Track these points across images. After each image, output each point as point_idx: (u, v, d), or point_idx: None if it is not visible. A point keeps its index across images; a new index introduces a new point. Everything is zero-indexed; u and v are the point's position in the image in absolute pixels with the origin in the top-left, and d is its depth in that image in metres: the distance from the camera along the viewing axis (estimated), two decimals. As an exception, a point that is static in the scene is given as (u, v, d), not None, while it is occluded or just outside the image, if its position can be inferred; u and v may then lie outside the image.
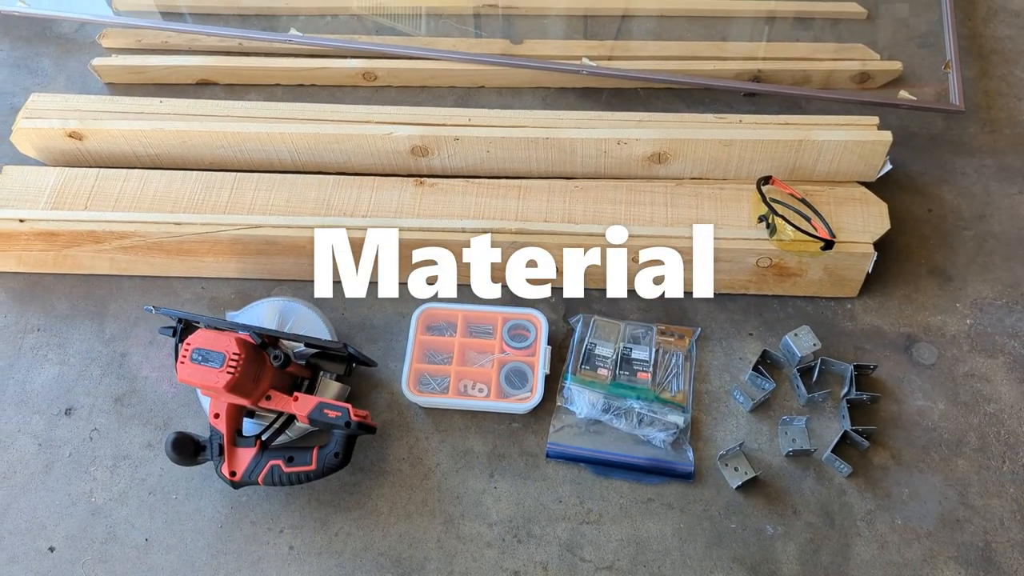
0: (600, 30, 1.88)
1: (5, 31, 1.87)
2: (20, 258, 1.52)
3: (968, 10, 1.85)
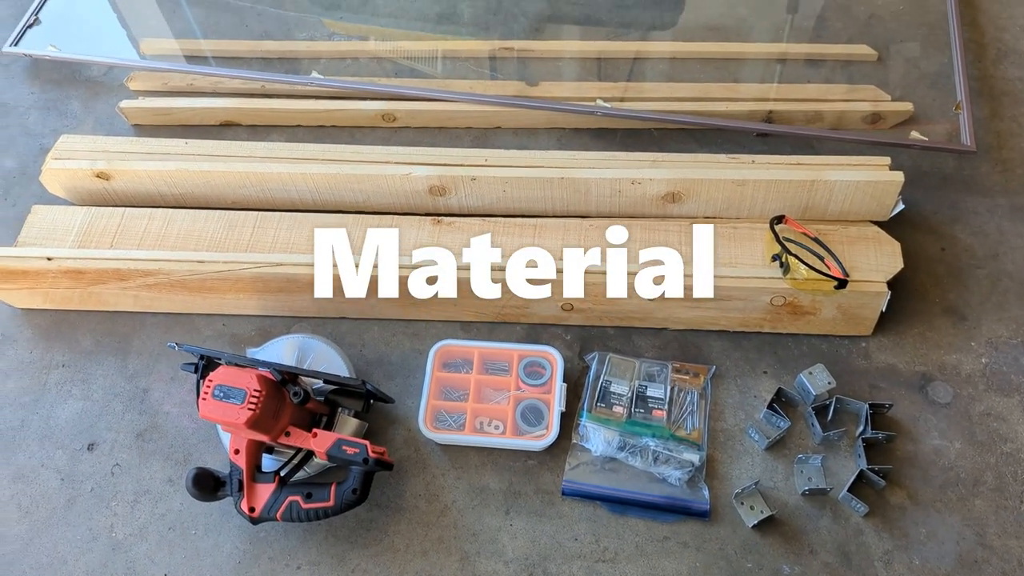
0: (613, 72, 1.92)
1: (36, 75, 1.93)
2: (47, 295, 1.55)
3: (978, 52, 1.88)
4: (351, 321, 1.55)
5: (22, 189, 1.74)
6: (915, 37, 1.91)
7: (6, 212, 1.71)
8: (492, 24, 2.04)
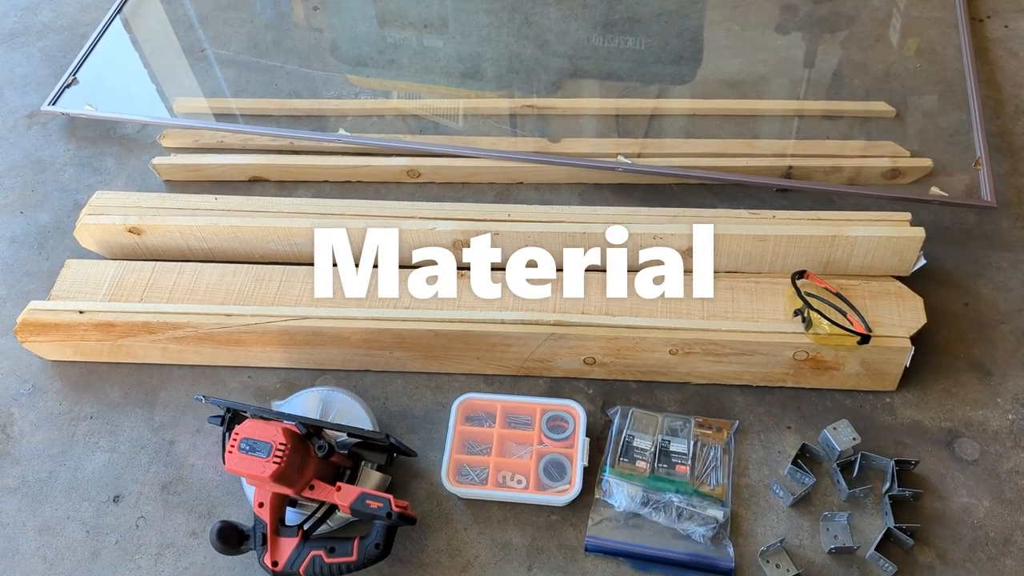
0: (633, 128, 1.95)
1: (72, 132, 1.99)
2: (77, 347, 1.58)
3: (996, 108, 1.89)
4: (375, 374, 1.57)
5: (56, 243, 1.78)
6: (932, 94, 1.94)
7: (40, 265, 1.75)
8: (513, 81, 2.09)
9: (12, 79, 2.12)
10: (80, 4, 2.30)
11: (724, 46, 2.09)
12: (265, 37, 2.19)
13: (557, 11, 2.21)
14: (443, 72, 2.12)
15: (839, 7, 2.16)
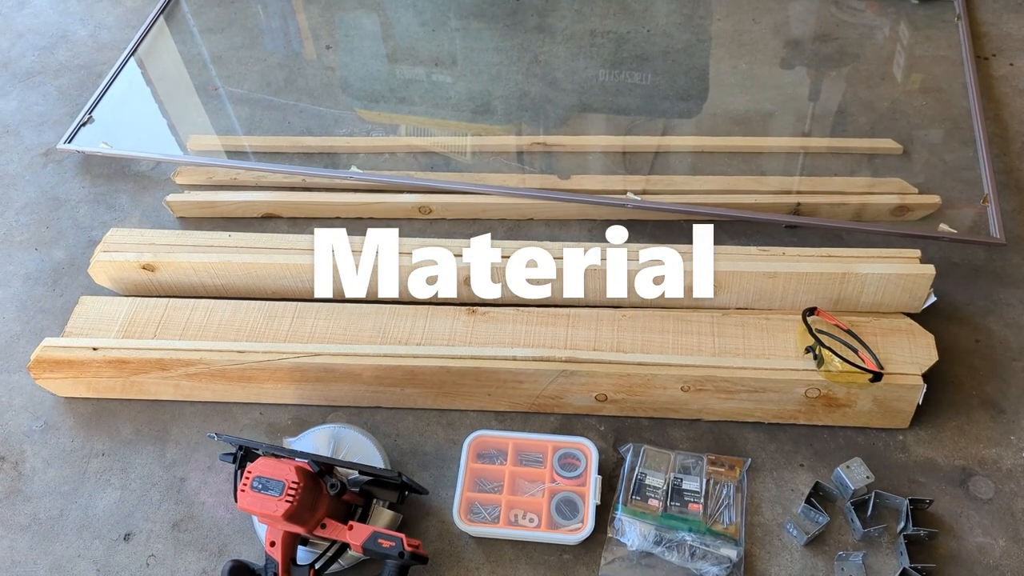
0: (642, 164, 1.96)
1: (88, 169, 2.02)
2: (90, 384, 1.58)
3: (1002, 145, 1.91)
4: (386, 410, 1.57)
5: (70, 280, 1.80)
6: (939, 130, 1.95)
7: (54, 302, 1.76)
8: (523, 118, 2.11)
9: (29, 117, 2.15)
10: (96, 43, 2.34)
11: (731, 83, 2.12)
12: (278, 76, 2.22)
13: (565, 50, 2.24)
14: (453, 109, 2.14)
15: (844, 45, 2.18)
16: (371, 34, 2.38)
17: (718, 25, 2.28)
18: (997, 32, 2.17)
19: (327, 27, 2.39)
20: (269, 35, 2.36)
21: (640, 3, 2.34)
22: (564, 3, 2.36)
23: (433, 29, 2.34)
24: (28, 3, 2.49)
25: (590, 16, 2.32)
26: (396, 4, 2.43)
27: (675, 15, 2.30)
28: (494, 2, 2.39)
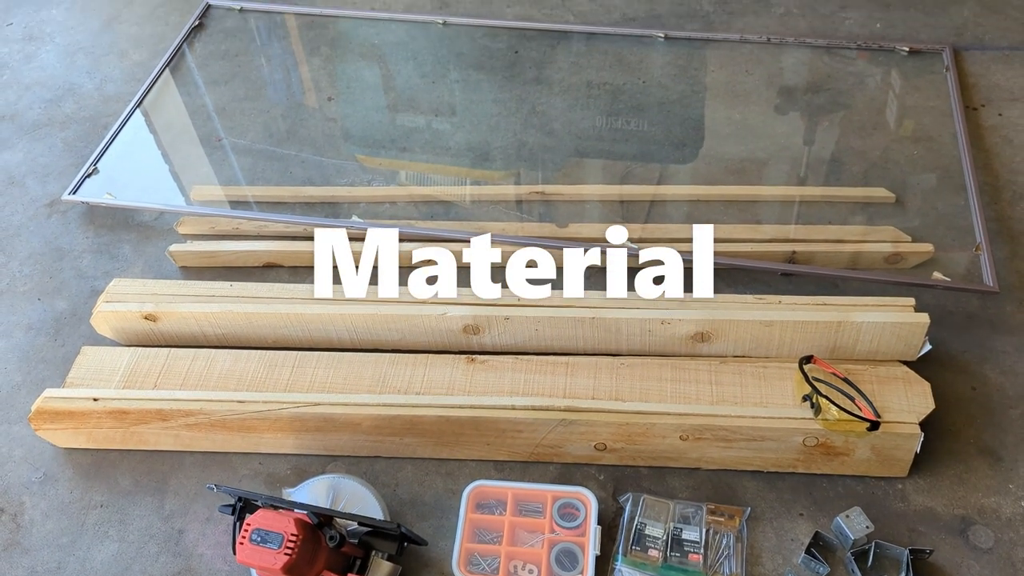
0: (639, 213, 1.99)
1: (91, 220, 2.04)
2: (90, 435, 1.59)
3: (993, 194, 1.94)
4: (385, 460, 1.57)
5: (72, 330, 1.81)
6: (931, 179, 1.98)
7: (55, 352, 1.77)
8: (521, 167, 2.15)
9: (34, 169, 2.18)
10: (102, 96, 2.38)
11: (725, 133, 2.16)
12: (280, 127, 2.26)
13: (563, 101, 2.28)
14: (453, 159, 2.18)
15: (836, 96, 2.23)
16: (372, 86, 2.42)
17: (712, 76, 2.32)
18: (985, 83, 2.22)
19: (329, 79, 2.44)
20: (272, 87, 2.41)
21: (635, 56, 2.39)
22: (561, 56, 2.41)
23: (433, 81, 2.39)
24: (35, 57, 2.54)
25: (586, 68, 2.37)
26: (397, 57, 2.48)
27: (670, 67, 2.35)
28: (493, 55, 2.44)
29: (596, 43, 2.46)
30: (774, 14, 2.50)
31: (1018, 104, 2.15)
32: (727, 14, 2.51)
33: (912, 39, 2.36)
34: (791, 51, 2.37)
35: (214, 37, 2.56)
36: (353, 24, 2.60)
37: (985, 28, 2.38)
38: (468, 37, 2.52)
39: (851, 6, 2.50)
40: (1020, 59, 2.28)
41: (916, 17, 2.44)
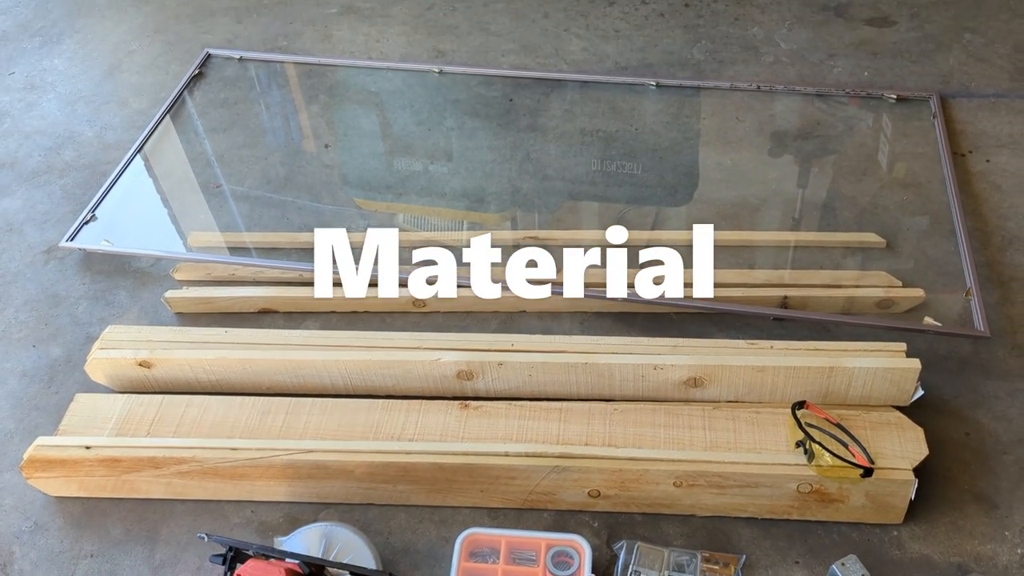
0: (631, 256, 2.00)
1: (88, 266, 2.05)
2: (81, 483, 1.58)
3: (983, 239, 1.96)
4: (378, 507, 1.56)
5: (66, 376, 1.81)
6: (921, 225, 2.01)
7: (49, 399, 1.77)
8: (516, 212, 2.17)
9: (33, 216, 2.20)
10: (102, 144, 2.41)
11: (717, 179, 2.18)
12: (278, 173, 2.29)
13: (556, 147, 2.32)
14: (449, 205, 2.20)
15: (825, 142, 2.26)
16: (369, 133, 2.46)
17: (704, 123, 2.36)
18: (972, 130, 2.25)
19: (327, 126, 2.47)
20: (270, 134, 2.44)
21: (628, 103, 2.43)
22: (555, 103, 2.45)
23: (429, 128, 2.42)
24: (36, 105, 2.57)
25: (580, 116, 2.41)
26: (394, 104, 2.52)
27: (662, 114, 2.39)
28: (488, 103, 2.48)
29: (589, 91, 2.50)
30: (764, 62, 2.55)
31: (1005, 150, 2.18)
32: (717, 62, 2.56)
33: (900, 87, 2.41)
34: (781, 98, 2.41)
35: (214, 85, 2.60)
36: (351, 73, 2.65)
37: (971, 76, 2.43)
38: (464, 85, 2.56)
39: (839, 55, 2.55)
40: (1006, 106, 2.32)
41: (903, 65, 2.49)
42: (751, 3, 2.78)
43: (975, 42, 2.55)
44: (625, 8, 2.80)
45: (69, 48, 2.79)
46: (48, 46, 2.81)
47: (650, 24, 2.72)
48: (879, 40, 2.59)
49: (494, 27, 2.76)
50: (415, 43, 2.73)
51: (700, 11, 2.76)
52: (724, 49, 2.60)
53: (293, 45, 2.76)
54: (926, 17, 2.66)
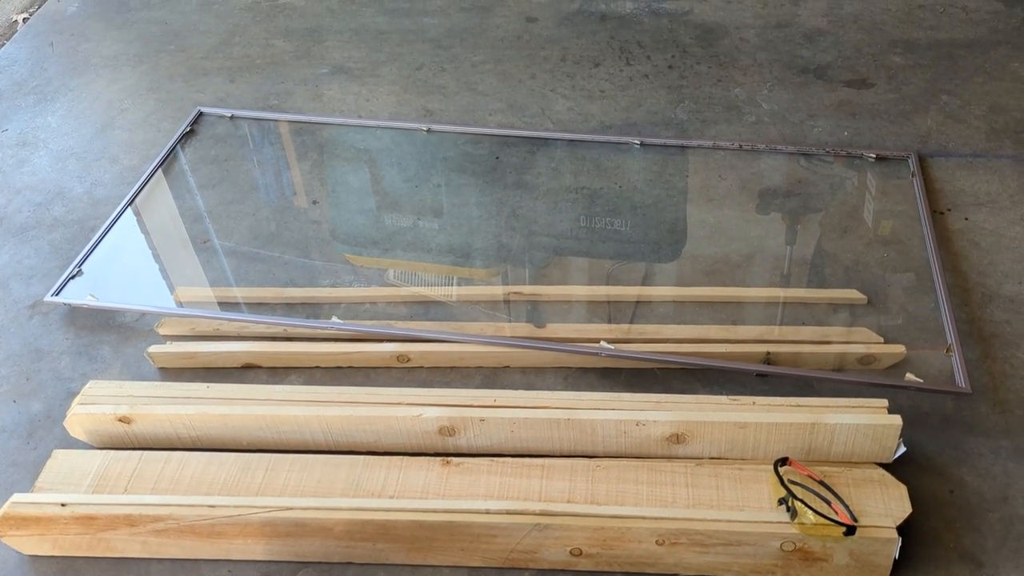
0: (616, 313, 2.02)
1: (72, 321, 2.05)
2: (55, 541, 1.55)
3: (963, 296, 1.97)
4: (357, 567, 1.54)
5: (45, 432, 1.79)
6: (901, 282, 2.02)
7: (27, 455, 1.75)
8: (501, 268, 2.19)
9: (19, 271, 2.20)
10: (91, 199, 2.43)
11: (700, 236, 2.21)
12: (266, 229, 2.31)
13: (542, 204, 2.34)
14: (435, 260, 2.22)
15: (806, 200, 2.29)
16: (358, 189, 2.49)
17: (687, 181, 2.39)
18: (951, 188, 2.29)
19: (316, 183, 2.50)
20: (259, 191, 2.47)
21: (612, 161, 2.47)
22: (540, 161, 2.49)
23: (417, 185, 2.45)
24: (27, 162, 2.60)
25: (565, 173, 2.44)
26: (383, 162, 2.56)
27: (645, 172, 2.42)
28: (475, 160, 2.51)
29: (574, 149, 2.54)
30: (746, 122, 2.60)
31: (983, 209, 2.21)
32: (700, 122, 2.60)
33: (879, 146, 2.45)
34: (763, 157, 2.45)
35: (204, 143, 2.63)
36: (340, 131, 2.68)
37: (948, 136, 2.48)
38: (451, 143, 2.60)
39: (819, 115, 2.60)
40: (983, 166, 2.36)
41: (882, 126, 2.54)
42: (733, 65, 2.84)
43: (951, 103, 2.60)
44: (610, 69, 2.86)
45: (63, 106, 2.83)
46: (42, 104, 2.85)
47: (634, 85, 2.78)
48: (858, 101, 2.65)
49: (482, 87, 2.81)
50: (404, 102, 2.77)
51: (683, 72, 2.83)
52: (707, 109, 2.66)
53: (284, 104, 2.80)
54: (903, 79, 2.72)
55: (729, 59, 2.87)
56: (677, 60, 2.89)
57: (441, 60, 2.96)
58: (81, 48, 3.13)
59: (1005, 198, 2.24)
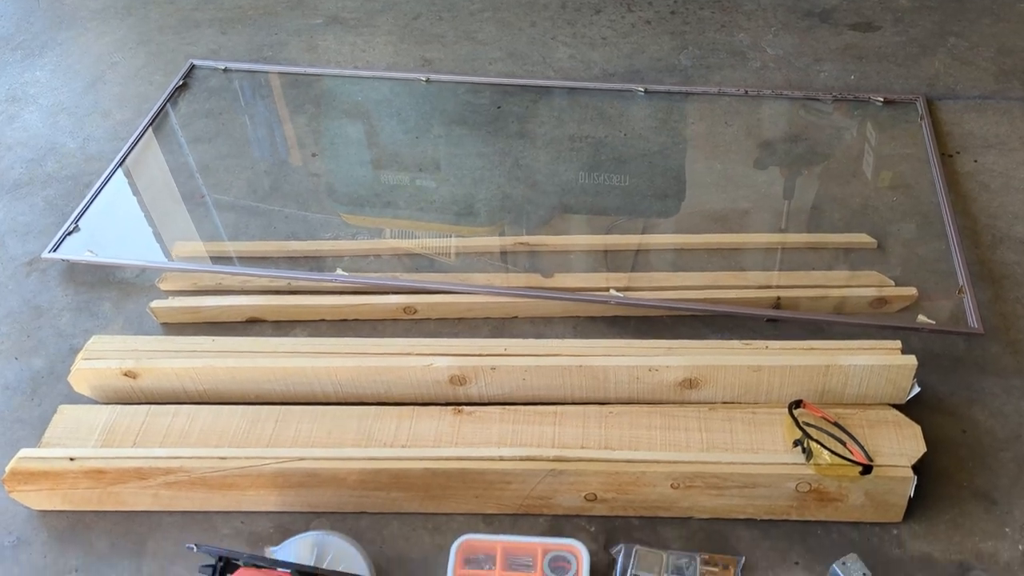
0: (623, 262, 2.00)
1: (71, 278, 2.02)
2: (65, 496, 1.54)
3: (973, 238, 1.96)
4: (371, 516, 1.53)
5: (49, 388, 1.77)
6: (911, 225, 2.01)
7: (31, 412, 1.73)
8: (505, 219, 2.16)
9: (15, 228, 2.17)
10: (85, 155, 2.39)
11: (707, 183, 2.18)
12: (264, 183, 2.27)
13: (546, 154, 2.31)
14: (438, 212, 2.18)
15: (814, 145, 2.26)
16: (356, 142, 2.44)
17: (692, 128, 2.36)
18: (959, 131, 2.26)
19: (313, 136, 2.45)
20: (255, 144, 2.42)
21: (616, 109, 2.43)
22: (543, 110, 2.45)
23: (417, 136, 2.41)
24: (18, 118, 2.54)
25: (568, 122, 2.40)
26: (380, 113, 2.51)
27: (650, 119, 2.39)
28: (475, 110, 2.47)
29: (577, 98, 2.49)
30: (751, 68, 2.56)
31: (992, 151, 2.19)
32: (705, 68, 2.56)
33: (886, 90, 2.42)
34: (769, 103, 2.42)
35: (198, 96, 2.58)
36: (337, 82, 2.63)
37: (956, 79, 2.44)
38: (451, 93, 2.55)
39: (825, 59, 2.56)
40: (992, 107, 2.33)
41: (889, 69, 2.50)
42: (737, 10, 2.79)
43: (959, 45, 2.57)
44: (612, 16, 2.81)
45: (51, 60, 2.77)
46: (30, 59, 2.78)
47: (637, 31, 2.73)
48: (864, 45, 2.61)
49: (481, 36, 2.76)
50: (401, 52, 2.72)
51: (687, 18, 2.77)
52: (711, 55, 2.61)
53: (278, 55, 2.74)
54: (910, 22, 2.68)
55: (733, 4, 2.82)
56: (680, 5, 2.83)
57: (439, 9, 2.89)
58: (67, 1, 3.05)
59: (1014, 139, 2.22)
